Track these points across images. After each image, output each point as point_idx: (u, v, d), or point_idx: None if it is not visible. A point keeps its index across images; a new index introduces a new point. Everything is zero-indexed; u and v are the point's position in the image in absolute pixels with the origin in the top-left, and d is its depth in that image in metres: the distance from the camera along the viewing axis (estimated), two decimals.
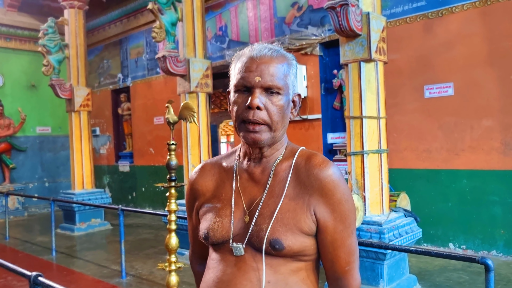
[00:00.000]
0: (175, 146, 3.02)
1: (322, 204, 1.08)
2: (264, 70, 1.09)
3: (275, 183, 1.13)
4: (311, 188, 1.09)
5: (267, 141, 1.11)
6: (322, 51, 6.32)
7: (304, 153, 1.16)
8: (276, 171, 1.15)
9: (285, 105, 1.12)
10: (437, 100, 5.24)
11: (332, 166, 1.10)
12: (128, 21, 9.46)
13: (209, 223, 1.16)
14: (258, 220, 1.10)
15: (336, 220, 1.09)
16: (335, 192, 1.08)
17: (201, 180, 1.26)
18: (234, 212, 1.14)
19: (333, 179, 1.09)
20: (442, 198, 5.24)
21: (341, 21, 3.72)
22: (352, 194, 3.76)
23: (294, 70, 1.16)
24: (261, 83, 1.09)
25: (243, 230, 1.12)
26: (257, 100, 1.08)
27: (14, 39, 10.04)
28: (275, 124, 1.10)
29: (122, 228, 4.73)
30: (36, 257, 5.93)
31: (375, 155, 3.94)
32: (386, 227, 3.71)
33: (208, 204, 1.21)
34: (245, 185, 1.17)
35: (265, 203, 1.11)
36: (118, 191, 10.12)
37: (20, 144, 10.03)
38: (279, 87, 1.10)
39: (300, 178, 1.11)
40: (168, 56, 5.33)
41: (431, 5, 5.25)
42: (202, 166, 1.29)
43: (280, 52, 1.14)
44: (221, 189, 1.20)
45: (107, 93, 10.34)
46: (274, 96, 1.10)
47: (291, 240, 1.06)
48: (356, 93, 3.93)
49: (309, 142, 6.41)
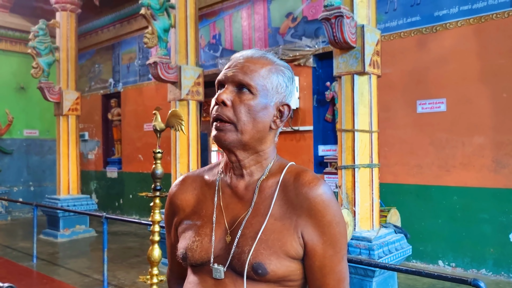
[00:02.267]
0: (161, 154, 2.93)
1: (310, 226, 1.00)
2: (239, 66, 1.04)
3: (260, 200, 1.04)
4: (299, 208, 1.00)
5: (233, 142, 1.02)
6: (316, 63, 6.29)
7: (293, 169, 1.07)
8: (261, 187, 1.06)
9: (256, 106, 1.02)
10: (429, 115, 5.21)
11: (323, 185, 1.02)
12: (121, 26, 9.38)
13: (187, 242, 1.06)
14: (240, 241, 1.01)
15: (325, 244, 1.00)
16: (325, 214, 1.00)
17: (181, 194, 1.16)
18: (215, 230, 1.05)
19: (324, 199, 1.00)
20: (432, 214, 5.19)
21: (336, 33, 3.68)
22: (342, 209, 3.69)
23: (281, 78, 1.07)
24: (232, 78, 1.03)
25: (224, 251, 1.02)
26: (224, 95, 1.02)
27: (4, 40, 9.90)
28: (241, 124, 1.01)
29: (106, 237, 4.59)
30: (16, 263, 5.75)
31: (366, 169, 3.88)
32: (375, 243, 3.63)
33: (188, 221, 1.11)
34: (228, 201, 1.08)
35: (248, 222, 1.02)
36: (105, 198, 9.95)
37: (6, 147, 9.84)
38: (250, 84, 1.02)
39: (287, 196, 1.03)
40: (160, 62, 5.25)
41: (426, 21, 5.25)
42: (182, 179, 1.20)
43: (265, 55, 1.07)
44: (202, 205, 1.11)
45: (97, 98, 10.21)
46: (245, 94, 1.02)
47: (275, 265, 0.97)
48: (348, 106, 3.88)
49: (300, 153, 6.35)
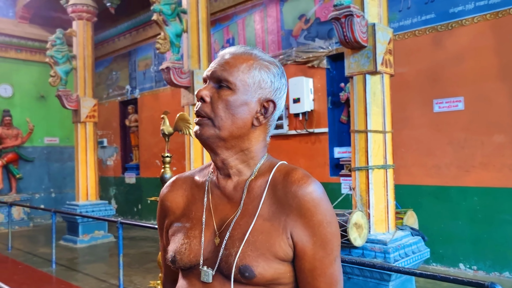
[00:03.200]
0: (170, 158, 2.93)
1: (300, 226, 0.95)
2: (221, 63, 1.02)
3: (249, 200, 1.01)
4: (288, 207, 0.96)
5: (210, 137, 1.00)
6: (329, 64, 6.23)
7: (283, 168, 1.03)
8: (250, 187, 1.02)
9: (235, 102, 0.99)
10: (447, 114, 5.09)
11: (313, 183, 0.98)
12: (137, 33, 9.49)
13: (176, 245, 1.04)
14: (228, 243, 0.97)
15: (315, 245, 0.96)
16: (315, 213, 0.95)
17: (171, 196, 1.14)
18: (204, 232, 1.02)
19: (314, 197, 0.96)
20: (452, 216, 5.05)
21: (346, 32, 3.62)
22: (356, 211, 3.62)
23: (265, 73, 1.03)
24: (212, 73, 1.02)
25: (212, 254, 0.99)
26: (203, 91, 1.01)
27: (24, 51, 10.13)
28: (218, 119, 0.99)
29: (121, 242, 4.62)
30: (35, 269, 5.84)
31: (381, 170, 3.80)
32: (391, 246, 3.55)
33: (177, 224, 1.08)
34: (217, 202, 1.05)
35: (236, 223, 0.99)
36: (124, 203, 10.05)
37: (27, 154, 10.04)
38: (228, 80, 0.99)
39: (277, 195, 0.99)
40: (172, 67, 5.28)
41: (441, 18, 5.13)
42: (173, 181, 1.17)
43: (248, 51, 1.04)
44: (192, 207, 1.08)
45: (115, 105, 10.34)
46: (223, 90, 1.00)
47: (263, 267, 0.93)
48: (361, 107, 3.81)
49: (315, 156, 6.28)
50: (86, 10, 7.76)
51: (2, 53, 9.85)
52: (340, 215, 3.59)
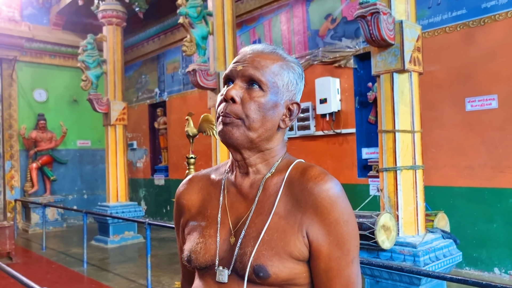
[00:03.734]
0: (194, 159, 2.95)
1: (316, 224, 0.93)
2: (248, 60, 0.99)
3: (264, 198, 0.99)
4: (304, 204, 0.94)
5: (241, 139, 0.97)
6: (357, 64, 6.13)
7: (300, 165, 1.01)
8: (266, 185, 1.00)
9: (267, 104, 0.97)
10: (480, 113, 4.91)
11: (330, 180, 0.95)
12: (165, 37, 9.63)
13: (192, 244, 1.03)
14: (243, 242, 0.96)
15: (331, 245, 0.93)
16: (331, 211, 0.92)
17: (187, 194, 1.13)
18: (220, 231, 1.01)
19: (330, 195, 0.93)
20: (486, 218, 4.87)
21: (372, 30, 3.55)
22: (384, 213, 3.53)
23: (292, 75, 1.02)
24: (242, 72, 0.98)
25: (228, 253, 0.98)
26: (233, 91, 0.96)
27: (58, 56, 10.45)
28: (250, 120, 0.96)
29: (149, 243, 4.67)
30: (68, 268, 5.99)
31: (409, 171, 3.70)
32: (421, 250, 3.44)
33: (193, 222, 1.07)
34: (233, 201, 1.03)
35: (251, 221, 0.97)
36: (153, 204, 10.20)
37: (61, 157, 10.34)
38: (261, 80, 0.97)
39: (293, 193, 0.97)
40: (198, 69, 5.32)
41: (472, 14, 4.97)
42: (190, 179, 1.17)
43: (276, 51, 1.03)
44: (207, 205, 1.07)
45: (145, 108, 10.52)
46: (255, 91, 0.97)
47: (277, 267, 0.91)
48: (388, 106, 3.73)
49: (343, 157, 6.19)
50: (116, 15, 7.93)
51: (37, 59, 10.19)
52: (368, 217, 3.52)
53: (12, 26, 9.53)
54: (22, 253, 7.14)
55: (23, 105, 9.95)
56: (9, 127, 9.74)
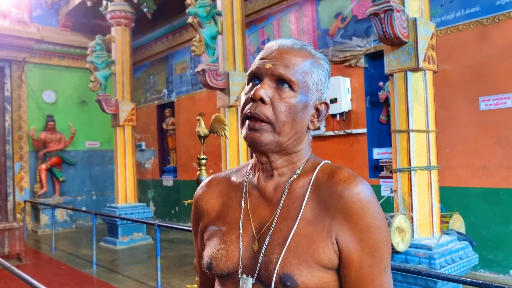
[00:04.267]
0: (205, 160, 2.89)
1: (346, 230, 0.87)
2: (278, 58, 0.92)
3: (289, 202, 0.93)
4: (333, 209, 0.89)
5: (269, 144, 0.92)
6: (367, 63, 6.05)
7: (327, 167, 0.96)
8: (291, 188, 0.95)
9: (297, 105, 0.92)
10: (494, 112, 4.82)
11: (361, 183, 0.89)
12: (174, 38, 9.61)
13: (212, 250, 0.97)
14: (268, 249, 0.90)
15: (363, 252, 0.87)
16: (363, 216, 0.87)
17: (206, 197, 1.08)
18: (242, 237, 0.95)
19: (361, 199, 0.88)
20: (502, 219, 4.77)
21: (385, 28, 3.48)
22: (398, 215, 3.46)
23: (321, 73, 0.96)
24: (271, 70, 0.91)
25: (251, 261, 0.92)
26: (262, 91, 0.90)
27: (67, 57, 10.47)
28: (280, 124, 0.90)
29: (158, 244, 4.63)
30: (77, 270, 5.98)
31: (424, 172, 3.63)
32: (436, 252, 3.37)
33: (213, 227, 1.02)
34: (256, 205, 0.98)
35: (276, 227, 0.92)
36: (162, 206, 10.18)
37: (70, 158, 10.36)
38: (292, 80, 0.91)
39: (320, 196, 0.91)
40: (208, 69, 5.28)
41: (486, 11, 4.88)
42: (209, 181, 1.11)
43: (305, 47, 0.96)
44: (228, 209, 1.02)
45: (153, 109, 10.51)
46: (285, 91, 0.91)
47: (306, 275, 0.85)
48: (402, 105, 3.65)
49: (353, 158, 6.12)
50: (124, 16, 7.91)
51: (46, 60, 10.21)
52: None
53: (21, 27, 9.57)
54: (31, 254, 7.14)
55: (32, 107, 9.98)
56: (18, 129, 9.77)
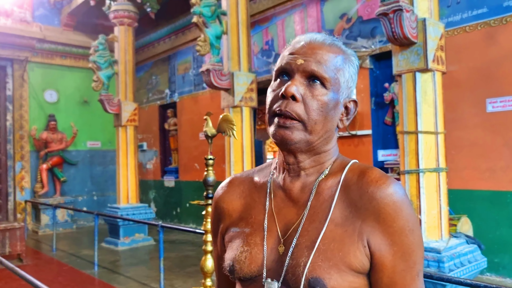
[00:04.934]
0: (213, 161, 2.85)
1: (378, 233, 0.83)
2: (309, 53, 0.88)
3: (317, 203, 0.89)
4: (364, 211, 0.84)
5: (299, 143, 0.88)
6: (373, 64, 6.01)
7: (357, 167, 0.93)
8: (319, 189, 0.91)
9: (329, 103, 0.88)
10: (502, 114, 4.77)
11: (394, 184, 0.85)
12: (177, 38, 9.57)
13: (235, 252, 0.93)
14: (295, 252, 0.86)
15: (396, 256, 0.83)
16: (396, 218, 0.83)
17: (227, 198, 1.03)
18: (266, 239, 0.91)
19: (395, 200, 0.83)
20: (509, 223, 4.72)
21: (394, 28, 3.44)
22: None
23: (352, 69, 0.93)
24: (303, 67, 0.87)
25: (276, 264, 0.88)
26: (293, 87, 0.86)
27: (69, 57, 10.43)
28: (311, 123, 0.87)
29: (162, 245, 4.59)
30: (79, 271, 5.92)
31: (433, 174, 3.58)
32: (445, 255, 3.32)
33: (235, 228, 0.98)
34: (281, 206, 0.93)
35: (304, 229, 0.87)
36: (163, 206, 10.13)
37: (71, 158, 10.31)
38: (325, 77, 0.87)
39: (350, 198, 0.87)
40: (212, 69, 5.24)
41: (494, 12, 4.83)
42: (230, 181, 1.07)
43: (336, 43, 0.92)
44: (251, 210, 0.97)
45: (155, 109, 10.47)
46: (317, 88, 0.87)
47: (336, 280, 0.81)
48: (410, 106, 3.61)
49: (358, 159, 5.83)
50: (127, 15, 7.88)
51: (48, 60, 10.17)
52: None
53: (23, 26, 9.53)
54: (32, 254, 7.09)
55: (34, 106, 9.94)
56: (20, 128, 9.73)
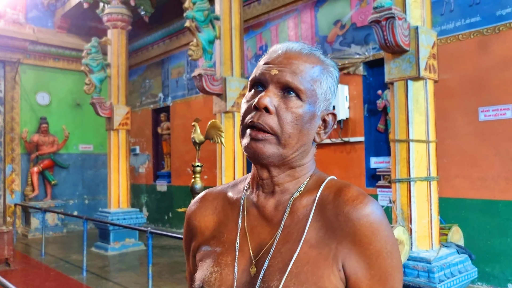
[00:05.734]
0: (200, 168, 2.80)
1: (354, 256, 0.79)
2: (284, 63, 0.84)
3: (292, 223, 0.85)
4: (340, 232, 0.80)
5: (272, 157, 0.83)
6: (366, 71, 6.00)
7: (333, 184, 0.87)
8: (294, 207, 0.86)
9: (305, 115, 0.84)
10: (494, 123, 4.76)
11: (371, 203, 0.81)
12: (170, 41, 9.53)
13: (205, 273, 0.88)
14: (267, 274, 0.81)
15: (373, 280, 0.79)
16: (373, 240, 0.79)
17: (199, 214, 0.99)
18: (238, 260, 0.87)
19: (371, 221, 0.79)
20: (500, 232, 4.70)
21: (387, 36, 3.42)
22: (397, 226, 3.38)
23: (331, 80, 0.89)
24: (277, 78, 0.83)
25: (247, 287, 0.84)
26: (267, 99, 0.82)
27: (62, 59, 10.36)
28: (285, 136, 0.82)
29: (150, 252, 4.52)
30: (67, 276, 5.83)
31: (424, 182, 3.55)
32: (436, 265, 3.29)
33: (206, 247, 0.93)
34: (254, 224, 0.89)
35: (277, 250, 0.83)
36: (155, 211, 10.05)
37: (63, 161, 10.21)
38: (300, 88, 0.83)
39: (326, 217, 0.82)
40: (204, 74, 5.20)
41: (487, 21, 4.84)
42: (203, 196, 1.02)
43: (314, 52, 0.88)
44: (224, 228, 0.93)
45: (148, 113, 10.41)
46: (292, 100, 0.83)
47: None
48: (402, 114, 3.59)
49: (350, 166, 6.04)
50: (121, 19, 7.83)
51: (41, 62, 10.10)
52: None
53: (16, 28, 9.46)
54: (20, 259, 6.99)
55: (25, 108, 9.85)
56: (11, 130, 9.63)
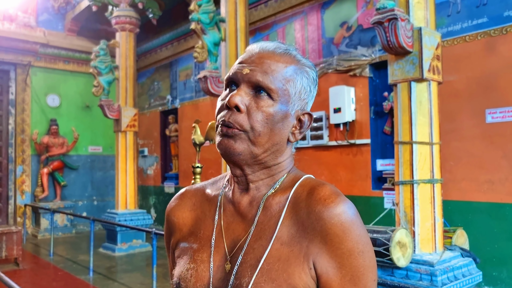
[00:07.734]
0: (200, 169, 2.82)
1: (325, 255, 0.79)
2: (257, 62, 0.84)
3: (265, 219, 0.85)
4: (311, 230, 0.80)
5: (243, 154, 0.83)
6: (372, 73, 5.97)
7: (308, 183, 0.87)
8: (267, 203, 0.86)
9: (276, 115, 0.84)
10: (501, 125, 4.71)
11: (343, 203, 0.80)
12: (178, 44, 9.59)
13: (181, 269, 0.89)
14: (240, 270, 0.82)
15: (344, 280, 0.78)
16: (344, 239, 0.78)
17: (178, 211, 1.00)
18: (213, 256, 0.87)
19: (342, 221, 0.79)
20: (507, 235, 4.64)
21: (389, 37, 3.41)
22: (400, 229, 3.35)
23: (305, 80, 0.88)
24: (248, 77, 0.83)
25: (222, 283, 0.84)
26: (237, 98, 0.82)
27: (72, 62, 10.48)
28: (256, 134, 0.82)
29: (155, 253, 4.55)
30: (74, 276, 5.89)
31: (427, 185, 3.52)
32: (439, 268, 3.25)
33: (184, 244, 0.94)
34: (230, 220, 0.90)
35: (249, 246, 0.83)
36: (162, 212, 10.09)
37: (72, 163, 10.32)
38: (271, 88, 0.83)
39: (298, 215, 0.82)
40: (209, 76, 5.22)
41: (494, 22, 4.79)
42: (182, 193, 1.04)
43: (290, 52, 0.88)
44: (201, 224, 0.93)
45: (156, 115, 10.47)
46: (263, 99, 0.83)
47: None
48: (405, 116, 3.56)
49: (356, 169, 6.01)
50: (129, 21, 7.90)
51: (51, 64, 10.23)
52: (382, 233, 3.34)
53: (27, 31, 9.60)
54: (29, 259, 7.07)
55: (36, 110, 9.98)
56: (21, 132, 9.76)
